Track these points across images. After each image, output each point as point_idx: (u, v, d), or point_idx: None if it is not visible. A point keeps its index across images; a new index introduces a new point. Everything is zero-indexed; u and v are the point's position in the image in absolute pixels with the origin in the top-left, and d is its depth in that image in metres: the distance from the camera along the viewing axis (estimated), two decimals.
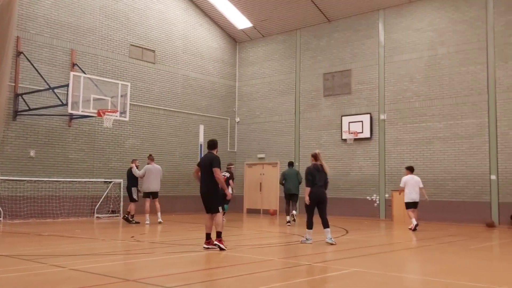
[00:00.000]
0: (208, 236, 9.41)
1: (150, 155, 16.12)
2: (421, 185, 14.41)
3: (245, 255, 9.19)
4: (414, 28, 18.59)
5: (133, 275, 6.78)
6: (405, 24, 18.84)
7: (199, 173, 9.59)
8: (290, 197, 15.80)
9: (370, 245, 11.08)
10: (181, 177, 20.62)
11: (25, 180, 15.94)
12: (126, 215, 15.38)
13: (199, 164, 9.71)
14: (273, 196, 21.91)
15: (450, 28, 17.79)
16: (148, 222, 15.06)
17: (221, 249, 9.12)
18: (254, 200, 22.64)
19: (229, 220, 17.44)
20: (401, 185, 14.43)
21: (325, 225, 10.52)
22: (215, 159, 9.42)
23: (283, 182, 15.98)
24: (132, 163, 15.77)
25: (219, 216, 9.37)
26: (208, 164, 9.42)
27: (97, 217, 17.32)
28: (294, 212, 15.73)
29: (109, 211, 17.87)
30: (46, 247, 9.99)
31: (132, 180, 15.61)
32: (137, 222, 15.07)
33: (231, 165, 17.34)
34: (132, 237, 11.65)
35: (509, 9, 16.66)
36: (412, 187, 14.24)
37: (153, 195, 15.57)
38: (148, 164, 15.64)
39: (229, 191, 13.21)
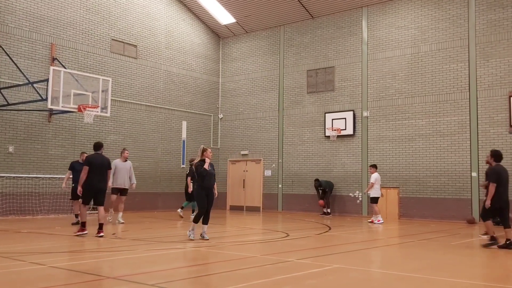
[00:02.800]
0: (84, 224, 10.90)
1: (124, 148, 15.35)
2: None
3: (227, 252, 9.14)
4: (397, 26, 18.69)
5: (114, 273, 6.69)
6: (388, 21, 18.93)
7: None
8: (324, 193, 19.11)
9: (353, 242, 11.12)
10: (163, 174, 20.47)
11: (3, 177, 15.64)
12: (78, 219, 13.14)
13: (90, 164, 10.76)
14: (256, 193, 21.89)
15: (433, 26, 17.93)
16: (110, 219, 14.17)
17: (79, 233, 10.70)
18: (238, 197, 22.59)
19: (212, 217, 17.36)
20: (372, 181, 15.94)
21: (206, 221, 10.59)
22: (109, 162, 11.24)
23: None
24: (80, 157, 13.92)
25: (103, 209, 11.01)
26: (107, 165, 11.09)
27: (77, 214, 17.06)
28: (329, 210, 18.99)
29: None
30: (25, 244, 9.82)
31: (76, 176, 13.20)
32: (75, 223, 13.41)
33: (193, 160, 16.06)
34: (114, 234, 11.53)
35: (491, 7, 16.84)
36: (380, 183, 16.01)
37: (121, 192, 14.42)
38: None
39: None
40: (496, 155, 10.15)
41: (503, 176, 9.91)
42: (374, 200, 15.89)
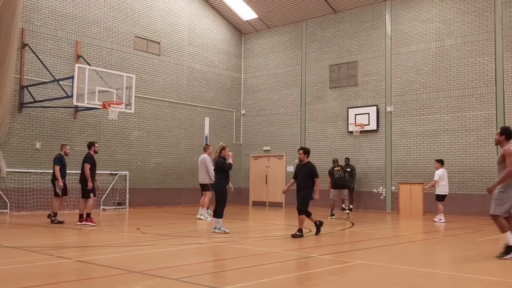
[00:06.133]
0: (81, 216, 12.18)
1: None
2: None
3: (250, 247, 9.18)
4: (421, 19, 18.42)
5: (139, 267, 6.78)
6: (412, 15, 18.67)
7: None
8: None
9: (376, 238, 11.05)
10: (186, 170, 20.62)
11: (31, 172, 15.99)
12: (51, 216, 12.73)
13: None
14: (279, 189, 21.87)
15: (458, 19, 17.61)
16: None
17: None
18: (260, 192, 22.63)
19: (235, 212, 17.45)
20: (436, 178, 14.96)
21: (216, 214, 10.89)
22: (86, 157, 12.30)
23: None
24: (62, 149, 13.09)
25: (85, 202, 12.29)
26: (83, 161, 12.32)
27: (103, 209, 17.37)
28: (351, 205, 17.48)
29: (115, 203, 17.92)
30: (52, 239, 10.03)
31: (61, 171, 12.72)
32: (60, 222, 12.53)
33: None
34: (138, 229, 11.67)
35: None
36: (447, 180, 15.02)
37: None
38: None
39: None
40: (308, 152, 10.89)
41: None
42: (439, 197, 14.95)
